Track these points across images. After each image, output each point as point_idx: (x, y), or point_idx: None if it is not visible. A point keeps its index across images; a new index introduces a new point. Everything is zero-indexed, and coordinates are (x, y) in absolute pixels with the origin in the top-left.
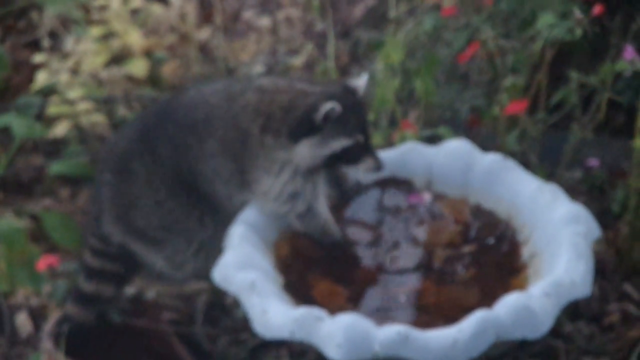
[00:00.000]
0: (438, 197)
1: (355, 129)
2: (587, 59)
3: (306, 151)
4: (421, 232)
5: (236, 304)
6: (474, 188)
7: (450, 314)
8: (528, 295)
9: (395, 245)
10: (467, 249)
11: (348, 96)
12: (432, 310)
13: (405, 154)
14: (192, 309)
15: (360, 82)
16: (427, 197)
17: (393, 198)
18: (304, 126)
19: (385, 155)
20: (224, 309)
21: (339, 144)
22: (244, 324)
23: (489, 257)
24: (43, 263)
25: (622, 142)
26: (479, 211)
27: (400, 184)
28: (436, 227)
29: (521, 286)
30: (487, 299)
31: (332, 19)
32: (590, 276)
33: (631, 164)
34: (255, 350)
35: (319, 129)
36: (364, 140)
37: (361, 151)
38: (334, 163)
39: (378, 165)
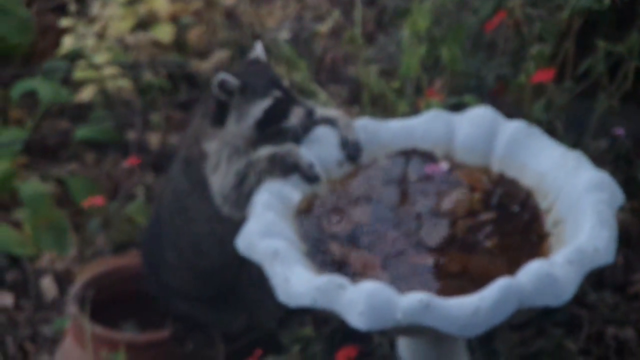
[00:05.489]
0: (457, 166)
1: (268, 87)
2: (614, 28)
3: (233, 129)
4: (440, 202)
5: None
6: (497, 156)
7: (477, 283)
8: (551, 263)
9: (417, 215)
10: (486, 216)
11: (249, 66)
12: (459, 279)
13: (429, 122)
14: None
15: (257, 51)
16: (444, 166)
17: (413, 169)
18: (216, 108)
19: (409, 122)
20: None
21: (258, 107)
22: None
23: (512, 225)
24: (89, 202)
25: None
26: (502, 180)
27: (421, 155)
28: (454, 196)
29: (546, 254)
30: (514, 268)
31: None
32: (614, 243)
33: None
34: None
35: (227, 103)
36: (283, 94)
37: (286, 105)
38: (267, 127)
39: (308, 111)
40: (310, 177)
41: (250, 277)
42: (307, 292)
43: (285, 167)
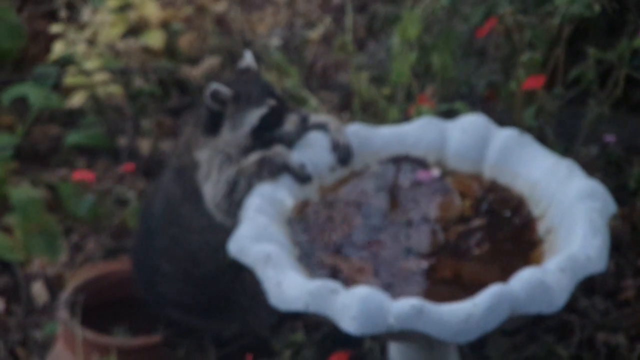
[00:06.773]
0: (449, 172)
1: (263, 96)
2: (604, 35)
3: (228, 137)
4: (432, 208)
5: None
6: (489, 163)
7: (469, 289)
8: (543, 270)
9: (409, 222)
10: (476, 222)
11: (241, 76)
12: (451, 285)
13: (421, 128)
14: None
15: (247, 60)
16: (435, 172)
17: (405, 175)
18: (209, 118)
19: (401, 128)
20: None
21: (254, 115)
22: None
23: (504, 232)
24: (77, 176)
25: (639, 118)
26: (494, 186)
27: (413, 161)
28: (445, 202)
29: (538, 261)
30: (506, 274)
31: None
32: (606, 251)
33: None
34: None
35: (220, 112)
36: (277, 103)
37: (280, 113)
38: (262, 135)
39: (302, 117)
40: (302, 177)
41: (244, 285)
42: (300, 296)
43: (274, 168)
